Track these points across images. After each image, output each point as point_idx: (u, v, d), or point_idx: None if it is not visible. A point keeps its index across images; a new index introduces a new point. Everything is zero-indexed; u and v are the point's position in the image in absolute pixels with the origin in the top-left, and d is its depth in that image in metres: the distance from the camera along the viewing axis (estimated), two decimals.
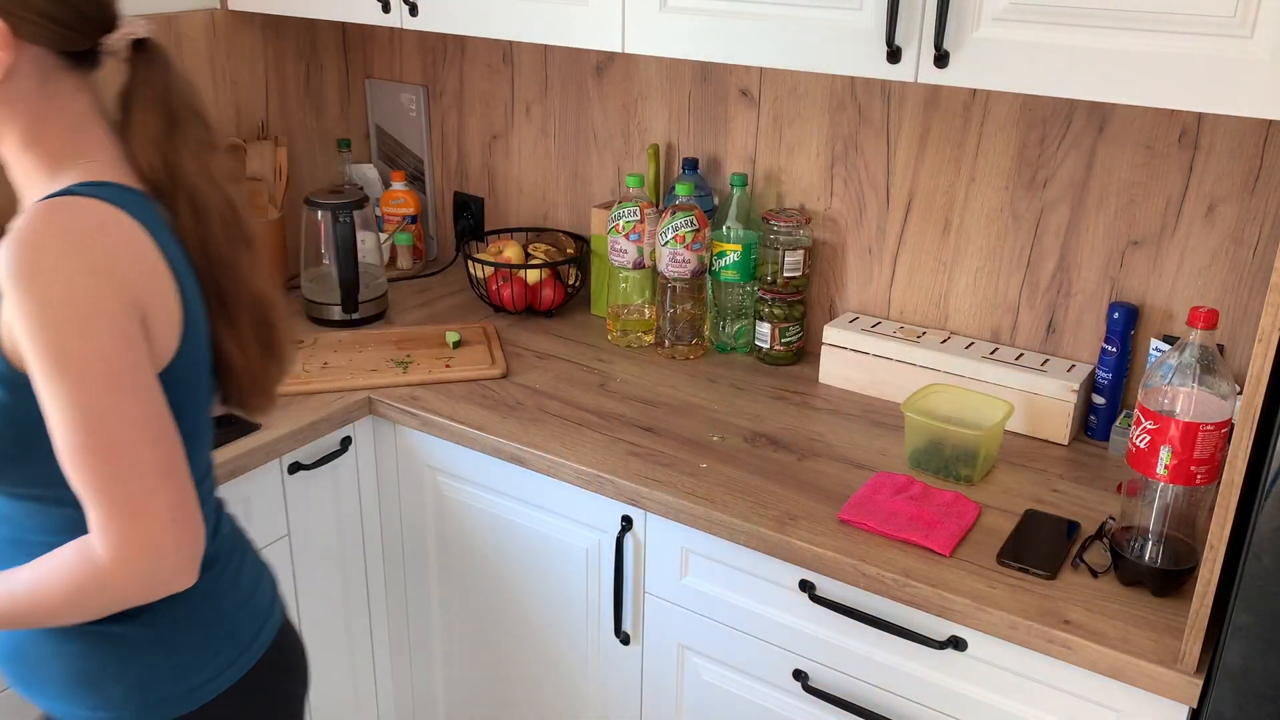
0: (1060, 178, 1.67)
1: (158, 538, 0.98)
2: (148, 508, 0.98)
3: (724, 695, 1.59)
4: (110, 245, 0.98)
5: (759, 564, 1.46)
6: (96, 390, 0.95)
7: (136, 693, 1.11)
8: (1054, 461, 1.61)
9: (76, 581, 1.00)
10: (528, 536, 1.72)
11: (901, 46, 1.37)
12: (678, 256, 1.88)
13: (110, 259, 0.97)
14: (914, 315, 1.87)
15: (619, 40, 1.61)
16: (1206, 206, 1.57)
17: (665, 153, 2.07)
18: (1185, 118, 1.55)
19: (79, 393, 0.95)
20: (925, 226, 1.81)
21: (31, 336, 0.94)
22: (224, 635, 1.16)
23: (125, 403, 0.97)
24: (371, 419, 1.84)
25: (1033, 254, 1.72)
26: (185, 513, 1.00)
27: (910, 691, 1.40)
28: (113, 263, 0.97)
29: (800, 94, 1.87)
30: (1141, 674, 1.19)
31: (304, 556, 1.80)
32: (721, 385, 1.84)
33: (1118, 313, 1.63)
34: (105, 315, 0.96)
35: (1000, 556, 1.36)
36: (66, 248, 0.95)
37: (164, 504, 0.98)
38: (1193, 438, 1.21)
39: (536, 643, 1.79)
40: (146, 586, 1.00)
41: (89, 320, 0.95)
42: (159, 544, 0.98)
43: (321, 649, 1.89)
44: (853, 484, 1.53)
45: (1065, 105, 1.63)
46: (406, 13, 1.82)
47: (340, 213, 2.00)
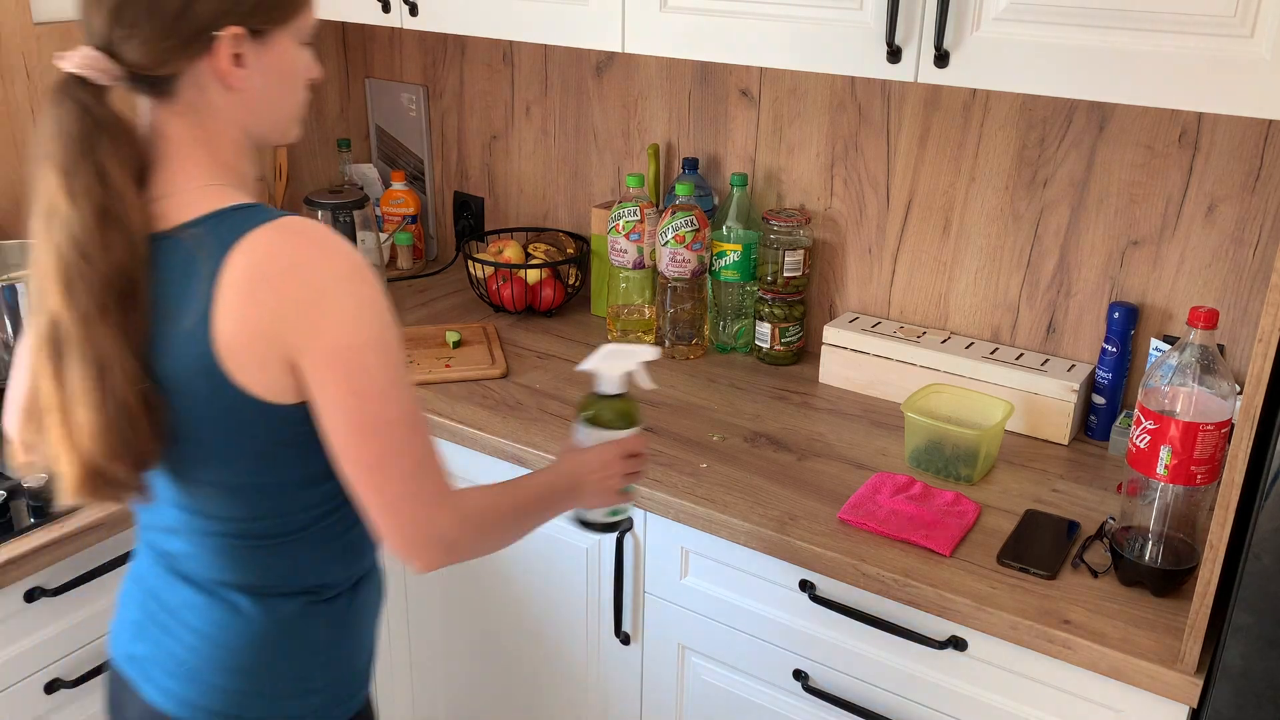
0: (1060, 178, 1.67)
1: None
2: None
3: (724, 695, 1.59)
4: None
5: (759, 564, 1.46)
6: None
7: (332, 671, 1.14)
8: (1054, 461, 1.61)
9: None
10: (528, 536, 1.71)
11: (901, 46, 1.37)
12: (678, 256, 1.88)
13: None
14: (914, 315, 1.87)
15: (619, 40, 1.61)
16: (1207, 206, 1.56)
17: (665, 153, 2.07)
18: (1185, 118, 1.55)
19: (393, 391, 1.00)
20: (925, 226, 1.81)
21: (355, 333, 0.96)
22: (348, 663, 1.17)
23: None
24: None
25: (1033, 254, 1.72)
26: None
27: (910, 691, 1.40)
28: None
29: (800, 94, 1.87)
30: (1141, 674, 1.19)
31: None
32: (721, 385, 1.84)
33: (1118, 313, 1.63)
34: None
35: (1000, 556, 1.36)
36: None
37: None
38: (1193, 438, 1.21)
39: (537, 643, 1.79)
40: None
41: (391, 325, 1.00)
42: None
43: None
44: (853, 484, 1.52)
45: (1065, 105, 1.63)
46: (406, 13, 1.82)
47: (340, 213, 2.00)
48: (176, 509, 1.08)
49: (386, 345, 0.98)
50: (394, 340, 0.99)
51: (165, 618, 1.11)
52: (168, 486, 1.07)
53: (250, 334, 0.94)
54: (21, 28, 1.80)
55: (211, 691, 1.09)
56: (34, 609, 1.43)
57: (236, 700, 1.09)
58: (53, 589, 1.44)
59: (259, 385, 0.97)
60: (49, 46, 1.84)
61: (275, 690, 1.10)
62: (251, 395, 0.97)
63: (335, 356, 0.96)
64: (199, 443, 1.01)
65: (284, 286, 0.94)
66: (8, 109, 1.81)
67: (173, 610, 1.10)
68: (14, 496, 1.46)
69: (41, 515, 1.44)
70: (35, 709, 1.47)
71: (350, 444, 0.98)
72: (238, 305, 0.94)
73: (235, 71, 0.98)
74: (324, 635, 1.12)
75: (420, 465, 1.01)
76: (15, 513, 1.44)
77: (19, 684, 1.44)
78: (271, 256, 0.95)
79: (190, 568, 1.09)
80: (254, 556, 1.07)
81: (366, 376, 0.97)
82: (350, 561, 1.13)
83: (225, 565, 1.07)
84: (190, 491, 1.05)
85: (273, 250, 0.95)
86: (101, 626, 1.52)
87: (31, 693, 1.46)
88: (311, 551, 1.09)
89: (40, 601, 1.43)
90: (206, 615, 1.09)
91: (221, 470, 1.03)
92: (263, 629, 1.09)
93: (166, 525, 1.10)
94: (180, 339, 0.96)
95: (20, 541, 1.39)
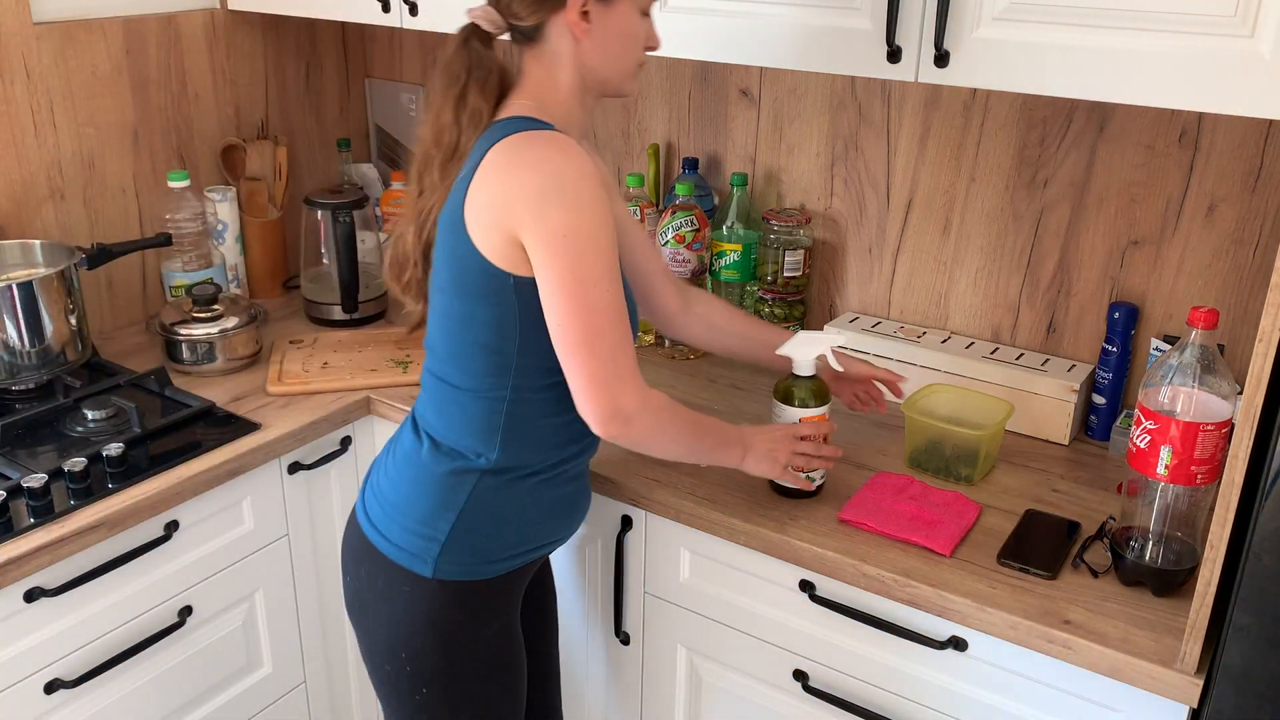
0: (1060, 178, 1.66)
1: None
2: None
3: (724, 695, 1.59)
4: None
5: (759, 564, 1.46)
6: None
7: (456, 534, 1.30)
8: (1054, 461, 1.61)
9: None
10: None
11: (901, 46, 1.37)
12: (678, 256, 1.88)
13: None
14: (914, 315, 1.87)
15: None
16: (1207, 206, 1.56)
17: (665, 152, 2.07)
18: (1185, 118, 1.55)
19: None
20: (925, 226, 1.81)
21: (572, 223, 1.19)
22: (537, 523, 1.35)
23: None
24: (371, 419, 1.83)
25: (1033, 254, 1.72)
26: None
27: (910, 691, 1.40)
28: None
29: (800, 94, 1.87)
30: (1142, 674, 1.19)
31: (303, 556, 1.80)
32: (721, 385, 1.84)
33: (1118, 313, 1.63)
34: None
35: (1000, 556, 1.35)
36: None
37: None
38: (1193, 438, 1.21)
39: None
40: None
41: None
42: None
43: (322, 649, 1.89)
44: (853, 484, 1.52)
45: (1065, 105, 1.63)
46: (406, 13, 1.82)
47: (340, 212, 2.00)
48: (429, 351, 1.37)
49: (598, 239, 1.18)
50: (602, 235, 1.19)
51: (385, 452, 1.41)
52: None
53: (488, 206, 1.20)
54: (21, 28, 1.80)
55: (375, 502, 1.36)
56: (34, 609, 1.43)
57: (384, 518, 1.33)
58: (53, 589, 1.44)
59: (488, 247, 1.21)
60: (49, 46, 1.84)
61: (405, 522, 1.31)
62: (481, 254, 1.21)
63: (558, 242, 1.17)
64: (438, 275, 1.29)
65: (522, 174, 1.18)
66: (8, 109, 1.81)
67: (393, 448, 1.40)
68: (14, 496, 1.46)
69: (41, 515, 1.44)
70: (35, 709, 1.47)
71: (567, 319, 1.19)
72: (486, 183, 1.20)
73: (581, 24, 1.24)
74: (472, 505, 1.30)
75: (613, 347, 1.20)
76: (15, 513, 1.44)
77: (19, 684, 1.44)
78: (520, 151, 1.20)
79: (417, 409, 1.39)
80: (438, 397, 1.32)
81: (583, 264, 1.18)
82: (493, 441, 1.30)
83: (426, 403, 1.35)
84: (432, 330, 1.35)
85: (521, 145, 1.20)
86: (101, 626, 1.52)
87: (31, 693, 1.46)
88: (469, 410, 1.30)
89: (40, 601, 1.43)
90: (406, 449, 1.36)
91: (441, 299, 1.29)
92: (426, 472, 1.32)
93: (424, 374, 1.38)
94: (455, 201, 1.24)
95: (20, 541, 1.39)
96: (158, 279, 2.09)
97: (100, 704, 1.55)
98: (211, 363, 1.85)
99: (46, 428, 1.67)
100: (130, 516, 1.50)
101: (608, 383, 1.21)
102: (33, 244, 1.84)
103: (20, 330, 1.71)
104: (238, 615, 1.72)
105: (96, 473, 1.53)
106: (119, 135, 1.98)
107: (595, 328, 1.19)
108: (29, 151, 1.86)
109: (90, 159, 1.95)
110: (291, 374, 1.84)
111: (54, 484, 1.49)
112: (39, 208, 1.89)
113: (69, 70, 1.88)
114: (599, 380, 1.21)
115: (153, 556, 1.56)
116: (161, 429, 1.66)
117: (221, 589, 1.68)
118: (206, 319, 1.86)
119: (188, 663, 1.66)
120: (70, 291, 1.77)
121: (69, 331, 1.78)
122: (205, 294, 1.87)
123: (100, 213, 1.99)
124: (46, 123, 1.87)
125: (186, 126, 2.09)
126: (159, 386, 1.77)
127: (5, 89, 1.80)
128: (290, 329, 2.07)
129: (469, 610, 1.33)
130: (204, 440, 1.64)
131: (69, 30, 1.87)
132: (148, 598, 1.58)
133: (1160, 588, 1.28)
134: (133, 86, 1.98)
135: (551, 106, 1.29)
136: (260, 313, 1.95)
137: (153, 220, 2.06)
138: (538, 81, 1.29)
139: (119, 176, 2.00)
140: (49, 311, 1.73)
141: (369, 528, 1.35)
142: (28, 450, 1.61)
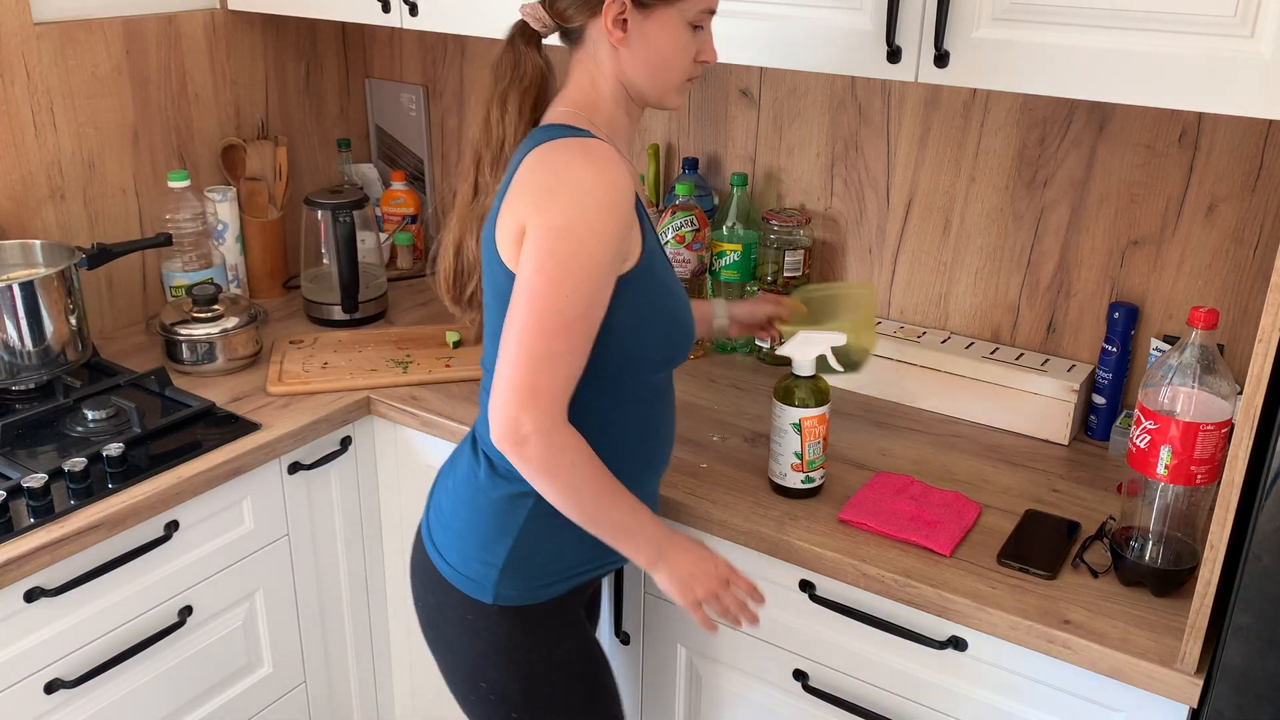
0: (1060, 178, 1.66)
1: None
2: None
3: (724, 695, 1.59)
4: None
5: (759, 564, 1.46)
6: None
7: (513, 560, 1.26)
8: (1054, 461, 1.61)
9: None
10: None
11: (901, 46, 1.37)
12: (678, 256, 1.88)
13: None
14: (914, 315, 1.87)
15: None
16: (1207, 206, 1.56)
17: (665, 152, 2.07)
18: (1185, 118, 1.55)
19: None
20: (925, 226, 1.81)
21: (565, 219, 1.15)
22: (592, 545, 1.27)
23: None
24: (371, 419, 1.84)
25: (1033, 254, 1.72)
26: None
27: (910, 691, 1.40)
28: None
29: (800, 94, 1.87)
30: (1141, 674, 1.19)
31: (303, 556, 1.80)
32: (722, 385, 1.84)
33: (1118, 312, 1.63)
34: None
35: (1000, 556, 1.35)
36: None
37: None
38: (1193, 438, 1.21)
39: None
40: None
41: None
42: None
43: (322, 649, 1.89)
44: (853, 484, 1.52)
45: (1065, 105, 1.63)
46: (406, 13, 1.82)
47: (340, 212, 2.00)
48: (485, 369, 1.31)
49: (587, 249, 1.12)
50: (596, 246, 1.12)
51: (447, 468, 1.38)
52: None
53: (509, 209, 1.17)
54: (21, 28, 1.80)
55: (439, 525, 1.33)
56: (34, 609, 1.43)
57: (447, 544, 1.31)
58: (53, 589, 1.44)
59: (507, 253, 1.18)
60: (49, 46, 1.84)
61: (464, 547, 1.29)
62: (500, 258, 1.19)
63: (542, 231, 1.13)
64: (484, 288, 1.26)
65: (546, 170, 1.15)
66: (8, 109, 1.81)
67: (453, 464, 1.37)
68: (14, 496, 1.46)
69: (41, 515, 1.44)
70: (35, 709, 1.47)
71: (515, 308, 1.14)
72: (516, 186, 1.17)
73: (616, 33, 1.20)
74: (503, 511, 1.27)
75: (546, 361, 1.12)
76: (15, 513, 1.44)
77: (19, 684, 1.44)
78: (548, 155, 1.16)
79: (476, 425, 1.36)
80: (483, 404, 1.29)
81: (552, 258, 1.12)
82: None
83: (482, 418, 1.31)
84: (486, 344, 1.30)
85: (555, 147, 1.17)
86: (101, 626, 1.52)
87: (31, 693, 1.46)
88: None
89: (40, 601, 1.43)
90: (461, 460, 1.34)
91: (487, 316, 1.27)
92: (469, 483, 1.30)
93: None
94: (497, 209, 1.21)
95: (20, 541, 1.39)
96: (158, 279, 2.09)
97: (100, 704, 1.55)
98: (211, 363, 1.85)
99: (46, 428, 1.67)
100: (130, 516, 1.50)
101: (519, 392, 1.12)
102: (33, 244, 1.84)
103: (20, 330, 1.72)
104: (238, 615, 1.72)
105: (96, 473, 1.53)
106: (119, 135, 1.98)
107: (540, 330, 1.11)
108: (29, 151, 1.86)
109: (90, 159, 1.95)
110: (291, 374, 1.84)
111: (54, 484, 1.49)
112: (39, 208, 1.89)
113: (69, 70, 1.88)
114: (513, 386, 1.13)
115: (153, 556, 1.56)
116: (161, 429, 1.66)
117: (221, 589, 1.68)
118: (206, 319, 1.86)
119: (188, 663, 1.66)
120: (70, 291, 1.77)
121: (69, 331, 1.78)
122: (205, 294, 1.87)
123: (100, 213, 1.99)
124: (46, 123, 1.87)
125: (186, 126, 2.09)
126: (159, 386, 1.77)
127: (5, 89, 1.80)
128: (290, 329, 2.07)
129: (534, 634, 1.30)
130: (204, 440, 1.64)
131: (69, 30, 1.87)
132: (148, 598, 1.58)
133: (1160, 588, 1.28)
134: (133, 86, 1.98)
135: (594, 113, 1.24)
136: (260, 313, 1.95)
137: (153, 220, 2.06)
138: (581, 86, 1.25)
139: (119, 176, 2.00)
140: (49, 311, 1.74)
141: (433, 551, 1.33)
142: (28, 450, 1.61)
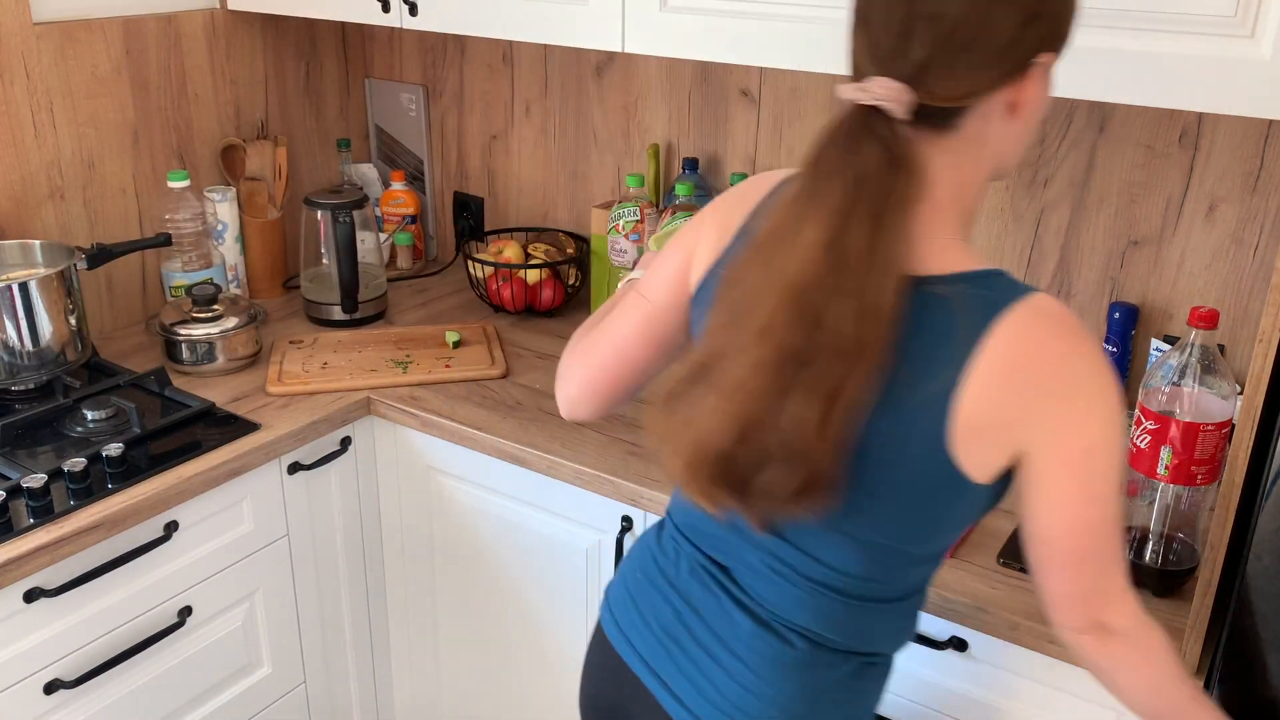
0: (1060, 178, 1.66)
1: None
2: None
3: None
4: None
5: None
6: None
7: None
8: None
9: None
10: (528, 536, 1.72)
11: None
12: None
13: None
14: None
15: (619, 40, 1.61)
16: (1207, 206, 1.56)
17: (665, 153, 2.07)
18: (1185, 118, 1.55)
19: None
20: None
21: (1101, 436, 0.93)
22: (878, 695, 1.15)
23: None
24: (371, 419, 1.83)
25: (1033, 254, 1.72)
26: None
27: (910, 691, 1.40)
28: None
29: (800, 94, 1.87)
30: None
31: (303, 557, 1.80)
32: None
33: (1118, 313, 1.63)
34: None
35: (1000, 556, 1.35)
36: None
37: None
38: (1193, 438, 1.21)
39: (536, 642, 1.79)
40: None
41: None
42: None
43: (322, 649, 1.89)
44: None
45: (1065, 105, 1.63)
46: (406, 13, 1.82)
47: (340, 213, 2.00)
48: (776, 541, 1.05)
49: (1121, 448, 0.95)
50: (1125, 442, 0.97)
51: (710, 640, 1.08)
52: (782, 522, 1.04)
53: (993, 419, 0.91)
54: (21, 28, 1.80)
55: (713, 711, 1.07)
56: (34, 609, 1.43)
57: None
58: (53, 589, 1.44)
59: (973, 464, 0.93)
60: (49, 46, 1.84)
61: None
62: (960, 471, 0.94)
63: (1077, 456, 0.93)
64: (869, 495, 0.97)
65: (1044, 379, 0.91)
66: (8, 109, 1.81)
67: (722, 637, 1.08)
68: (14, 496, 1.46)
69: (41, 515, 1.44)
70: (35, 709, 1.47)
71: (1062, 536, 0.97)
72: (992, 387, 0.90)
73: (1029, 102, 0.93)
74: (864, 700, 1.12)
75: (1115, 561, 0.99)
76: (15, 513, 1.44)
77: (18, 684, 1.44)
78: (1038, 343, 0.91)
79: (759, 600, 1.07)
80: (843, 612, 1.05)
81: (1101, 480, 0.94)
82: (903, 639, 1.12)
83: (808, 611, 1.05)
84: (814, 534, 1.02)
85: (1038, 335, 0.91)
86: (101, 627, 1.52)
87: (31, 693, 1.46)
88: (891, 622, 1.09)
89: (40, 601, 1.43)
90: (764, 652, 1.06)
91: (871, 527, 1.00)
92: (817, 678, 1.07)
93: (740, 552, 1.08)
94: (917, 398, 0.92)
95: (20, 541, 1.39)
96: (158, 279, 2.09)
97: (100, 704, 1.55)
98: (211, 363, 1.85)
99: (46, 428, 1.67)
100: (130, 517, 1.50)
101: (1099, 599, 1.01)
102: (32, 244, 1.84)
103: (20, 330, 1.71)
104: (237, 615, 1.72)
105: (96, 473, 1.53)
106: (119, 135, 1.98)
107: (1098, 544, 0.98)
108: (29, 151, 1.86)
109: (90, 159, 1.95)
110: (291, 374, 1.84)
111: (54, 484, 1.49)
112: (39, 208, 1.89)
113: (69, 70, 1.88)
114: (1089, 597, 1.01)
115: (152, 557, 1.56)
116: (161, 429, 1.66)
117: (221, 589, 1.68)
118: (206, 319, 1.86)
119: (187, 663, 1.66)
120: (70, 291, 1.77)
121: (69, 331, 1.78)
122: (205, 294, 1.87)
123: (100, 213, 1.99)
124: (46, 123, 1.87)
125: (186, 126, 2.09)
126: (159, 386, 1.77)
127: (5, 89, 1.80)
128: (290, 329, 2.07)
129: None
130: (204, 440, 1.64)
131: (69, 30, 1.87)
132: (147, 598, 1.57)
133: (1160, 588, 1.28)
134: (133, 86, 1.98)
135: (968, 220, 0.98)
136: (260, 313, 1.95)
137: (152, 220, 2.06)
138: (949, 184, 0.94)
139: (119, 176, 2.00)
140: (49, 311, 1.73)
141: None
142: (27, 450, 1.61)
